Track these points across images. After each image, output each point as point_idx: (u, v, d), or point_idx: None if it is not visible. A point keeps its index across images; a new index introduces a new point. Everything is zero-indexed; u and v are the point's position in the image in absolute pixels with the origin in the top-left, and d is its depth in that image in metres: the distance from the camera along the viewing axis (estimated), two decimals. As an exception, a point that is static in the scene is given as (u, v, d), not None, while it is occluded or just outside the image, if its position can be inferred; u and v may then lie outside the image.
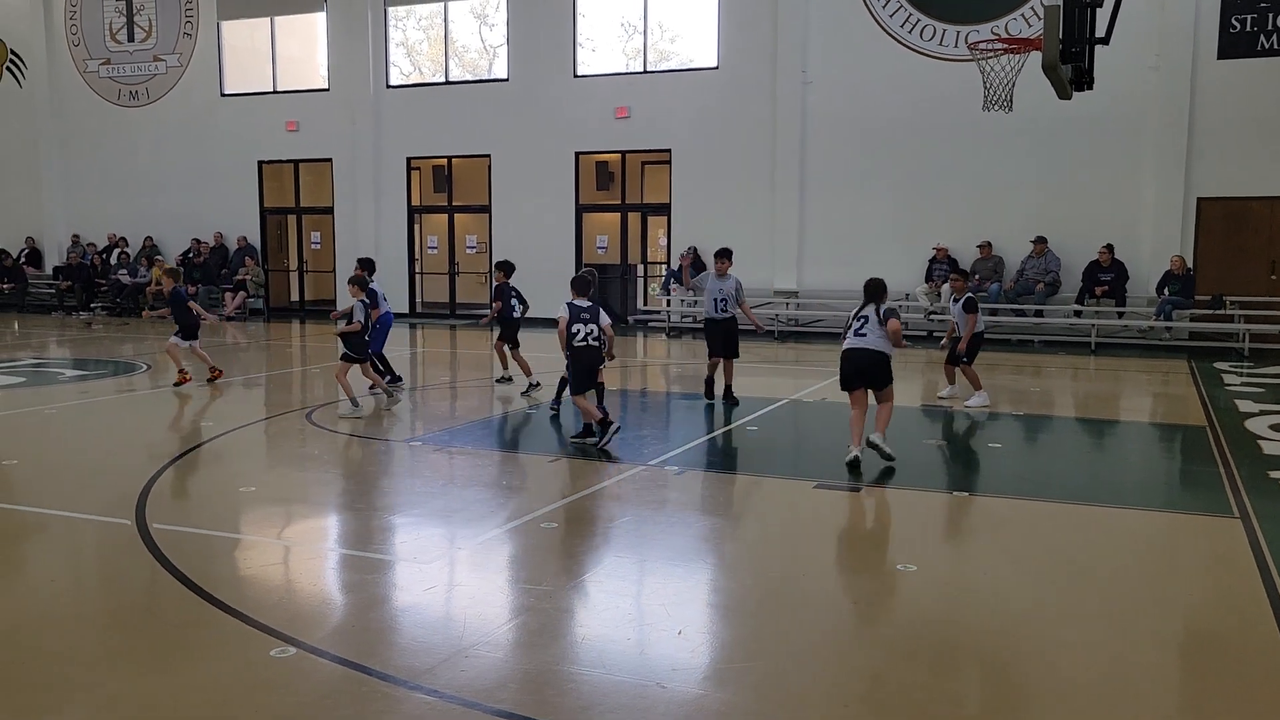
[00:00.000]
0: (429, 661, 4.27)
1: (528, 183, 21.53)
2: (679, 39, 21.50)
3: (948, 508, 7.11)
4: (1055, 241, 17.54)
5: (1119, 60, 14.92)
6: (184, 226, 24.30)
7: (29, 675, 4.19)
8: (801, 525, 6.76)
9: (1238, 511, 6.75)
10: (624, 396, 12.16)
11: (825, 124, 19.02)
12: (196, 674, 4.17)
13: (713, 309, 11.01)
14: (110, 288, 23.86)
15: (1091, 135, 17.29)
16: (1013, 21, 17.61)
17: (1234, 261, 17.15)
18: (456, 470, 8.16)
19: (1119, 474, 8.46)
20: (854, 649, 4.61)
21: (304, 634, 4.54)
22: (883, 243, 18.30)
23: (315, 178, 23.84)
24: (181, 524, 6.35)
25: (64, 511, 6.72)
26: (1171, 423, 10.79)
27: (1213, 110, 16.82)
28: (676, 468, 7.98)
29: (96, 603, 5.17)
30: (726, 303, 10.97)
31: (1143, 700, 4.03)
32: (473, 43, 24.00)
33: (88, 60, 25.28)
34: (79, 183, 25.61)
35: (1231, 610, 5.02)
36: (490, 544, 6.06)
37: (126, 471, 7.69)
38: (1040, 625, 4.79)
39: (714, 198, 19.99)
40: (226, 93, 24.11)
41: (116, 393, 12.09)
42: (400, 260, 22.99)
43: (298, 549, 6.12)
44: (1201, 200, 17.14)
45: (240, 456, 8.68)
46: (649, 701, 3.93)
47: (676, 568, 5.78)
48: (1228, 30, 16.72)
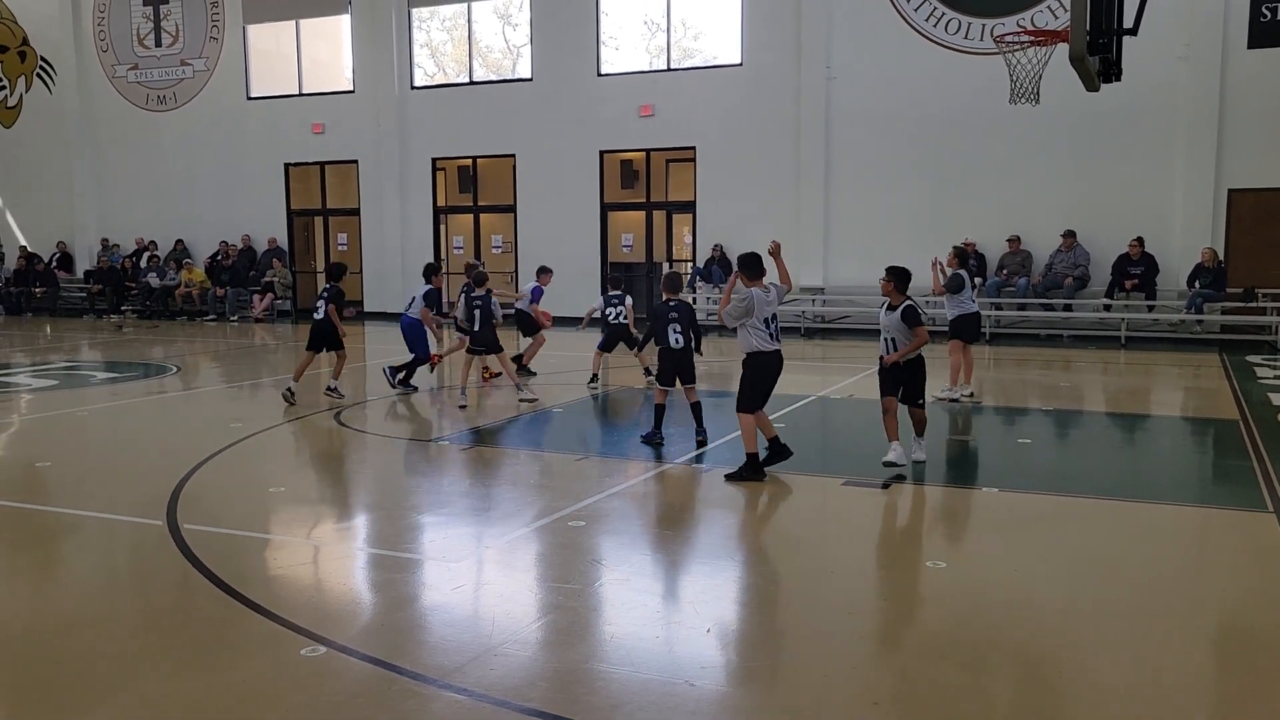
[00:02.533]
0: (458, 660, 4.29)
1: (553, 182, 21.56)
2: (702, 36, 21.47)
3: (977, 504, 7.05)
4: (1084, 235, 17.36)
5: (1148, 51, 14.72)
6: (212, 229, 24.52)
7: (63, 675, 4.24)
8: (830, 522, 6.74)
9: (1272, 506, 6.66)
10: (650, 395, 12.15)
11: (850, 119, 18.92)
12: (228, 673, 4.21)
13: (766, 337, 7.52)
14: (140, 291, 24.12)
15: (1120, 127, 17.10)
16: (1039, 14, 17.44)
17: (1266, 253, 16.90)
18: (484, 469, 8.19)
19: (1150, 469, 8.36)
20: (884, 647, 4.59)
21: (334, 633, 4.57)
22: (909, 238, 18.15)
23: (341, 179, 23.97)
24: (212, 524, 6.40)
25: (96, 512, 6.79)
26: (1204, 417, 10.66)
27: (1243, 101, 16.59)
28: (704, 465, 7.96)
29: (128, 603, 5.22)
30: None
31: (1177, 699, 3.98)
32: (496, 43, 24.08)
33: (116, 66, 25.55)
34: (109, 187, 25.89)
35: (1267, 606, 4.95)
36: (518, 543, 6.08)
37: (157, 472, 7.77)
38: (1072, 622, 4.74)
39: (739, 195, 19.94)
40: (253, 96, 24.29)
41: (147, 395, 12.22)
42: (426, 261, 23.02)
43: (327, 548, 6.16)
44: (1233, 192, 16.91)
45: (269, 457, 8.75)
46: (678, 699, 3.92)
47: (704, 565, 5.77)
48: (1259, 19, 16.48)
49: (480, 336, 10.86)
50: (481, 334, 10.84)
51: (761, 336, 7.41)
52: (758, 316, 7.36)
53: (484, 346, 10.97)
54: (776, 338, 7.49)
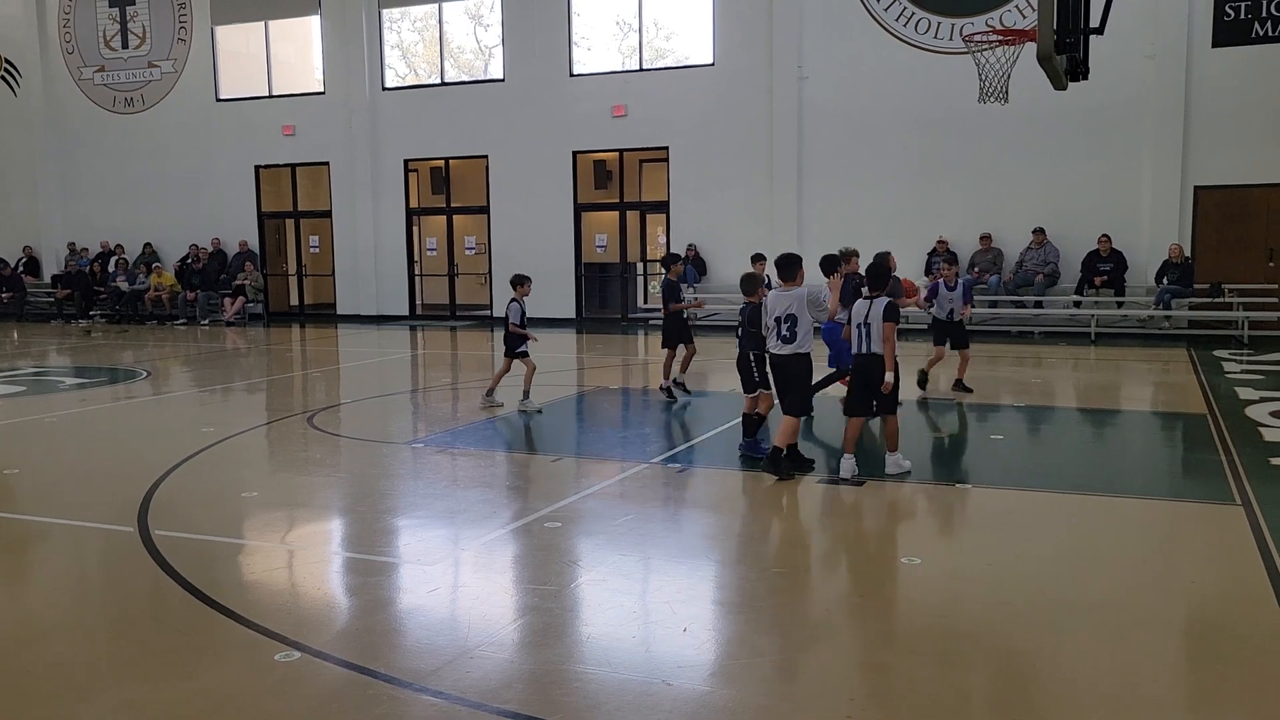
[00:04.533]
0: (434, 663, 4.27)
1: (526, 183, 21.52)
2: (674, 36, 21.49)
3: (951, 500, 7.10)
4: (1054, 232, 17.53)
5: (1114, 50, 14.89)
6: (182, 232, 24.30)
7: (35, 683, 4.19)
8: (805, 520, 6.77)
9: (1240, 499, 6.74)
10: (626, 395, 12.17)
11: (822, 119, 19.02)
12: (201, 680, 4.17)
13: (773, 339, 7.84)
14: (109, 295, 23.87)
15: (1088, 125, 17.28)
16: (1007, 13, 17.59)
17: (1232, 249, 17.14)
18: (459, 471, 8.16)
19: (1121, 463, 8.45)
20: (860, 643, 4.61)
21: (308, 638, 4.55)
22: (882, 236, 18.14)
23: (313, 181, 23.83)
24: (184, 530, 6.34)
25: (66, 520, 6.71)
26: (1172, 411, 10.79)
27: (1209, 99, 16.80)
28: (679, 465, 7.97)
29: (101, 611, 5.17)
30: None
31: (1148, 690, 4.03)
32: (468, 43, 23.99)
33: (82, 68, 25.27)
34: (76, 191, 25.60)
35: (1235, 598, 5.02)
36: (494, 545, 6.06)
37: (128, 478, 7.69)
38: (1045, 616, 4.78)
39: (712, 194, 19.99)
40: (222, 98, 24.10)
41: (116, 400, 12.10)
42: (399, 263, 22.99)
43: (301, 553, 6.12)
44: (1199, 189, 17.13)
45: (242, 462, 8.68)
46: (655, 699, 3.93)
47: (680, 565, 5.78)
48: (1223, 18, 16.69)
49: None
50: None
51: (769, 339, 7.72)
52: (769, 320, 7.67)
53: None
54: (788, 340, 7.56)
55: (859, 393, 7.68)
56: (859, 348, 7.58)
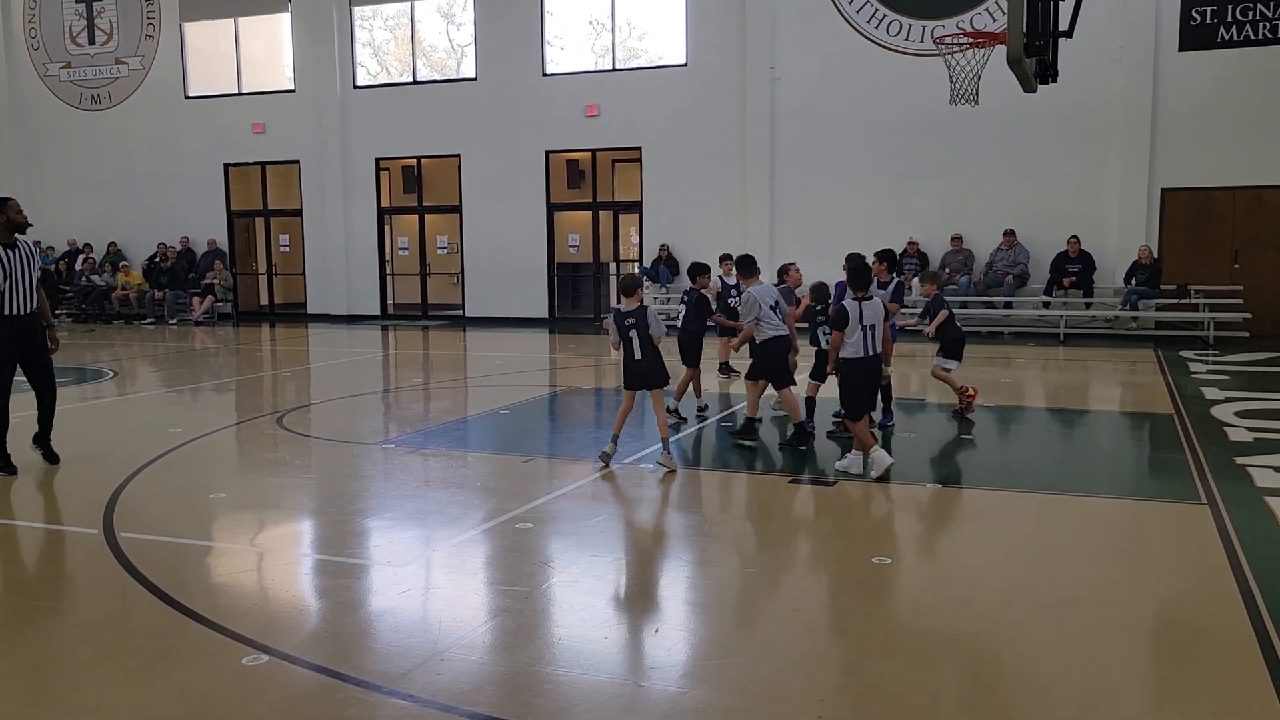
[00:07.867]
0: (404, 666, 4.24)
1: (498, 182, 21.46)
2: (647, 36, 21.50)
3: (921, 500, 7.14)
4: (1024, 234, 17.69)
5: (1082, 53, 15.06)
6: (150, 231, 24.04)
7: (1, 689, 4.13)
8: (776, 520, 6.78)
9: (1205, 498, 6.83)
10: (599, 395, 12.15)
11: (794, 120, 19.08)
12: (168, 684, 4.12)
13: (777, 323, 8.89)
14: (76, 294, 23.57)
15: (1057, 128, 17.45)
16: (977, 16, 17.73)
17: (1198, 251, 17.37)
18: (430, 472, 8.12)
19: (1089, 463, 8.53)
20: (830, 643, 4.62)
21: (277, 641, 4.50)
22: (854, 237, 18.22)
23: (283, 180, 23.64)
24: (150, 532, 6.27)
25: (29, 522, 6.62)
26: (1139, 411, 10.91)
27: (1175, 102, 17.01)
28: (651, 466, 7.97)
29: (65, 614, 5.09)
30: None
31: (1116, 687, 4.07)
32: (440, 42, 23.88)
33: (48, 64, 24.94)
34: (41, 188, 25.21)
35: (1201, 595, 5.08)
36: (465, 546, 6.03)
37: (93, 480, 7.59)
38: (1015, 615, 4.82)
39: (685, 194, 20.02)
40: (191, 95, 23.86)
41: (82, 400, 11.94)
42: (371, 262, 22.85)
43: (270, 555, 6.06)
44: (1166, 191, 17.34)
45: (210, 463, 8.59)
46: (627, 700, 3.92)
47: (652, 566, 5.77)
48: (1189, 22, 16.91)
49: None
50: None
51: (773, 324, 8.76)
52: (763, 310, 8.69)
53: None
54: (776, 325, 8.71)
55: (866, 392, 7.70)
56: (864, 350, 7.58)
